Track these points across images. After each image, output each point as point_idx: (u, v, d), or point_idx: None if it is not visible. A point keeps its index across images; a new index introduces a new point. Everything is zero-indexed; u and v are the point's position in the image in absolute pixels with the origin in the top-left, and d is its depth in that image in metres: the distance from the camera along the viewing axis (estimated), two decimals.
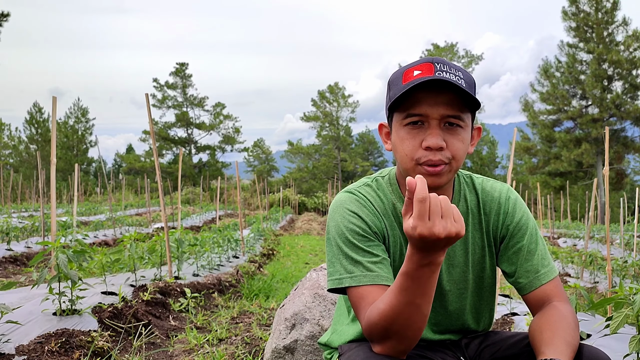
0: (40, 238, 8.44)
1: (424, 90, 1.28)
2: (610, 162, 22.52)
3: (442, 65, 1.30)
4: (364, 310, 1.27)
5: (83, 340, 2.75)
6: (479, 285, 1.50)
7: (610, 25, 31.14)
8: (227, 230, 8.99)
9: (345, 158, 46.13)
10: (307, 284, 2.66)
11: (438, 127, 1.29)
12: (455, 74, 1.29)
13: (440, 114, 1.29)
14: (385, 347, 1.24)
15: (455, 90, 1.28)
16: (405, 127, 1.32)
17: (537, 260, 1.42)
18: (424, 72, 1.29)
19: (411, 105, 1.30)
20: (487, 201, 1.48)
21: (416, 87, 1.27)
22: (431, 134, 1.29)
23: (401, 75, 1.33)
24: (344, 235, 1.36)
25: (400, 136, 1.34)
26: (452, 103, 1.29)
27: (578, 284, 2.63)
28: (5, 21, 20.60)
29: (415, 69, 1.31)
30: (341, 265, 1.34)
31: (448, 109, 1.29)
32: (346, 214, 1.38)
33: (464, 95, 1.28)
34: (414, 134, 1.31)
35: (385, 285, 1.30)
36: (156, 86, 44.15)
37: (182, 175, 32.32)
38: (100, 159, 13.69)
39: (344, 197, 1.43)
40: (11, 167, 36.46)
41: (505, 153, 49.33)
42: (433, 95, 1.28)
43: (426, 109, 1.29)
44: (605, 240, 10.15)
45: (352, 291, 1.32)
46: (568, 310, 1.35)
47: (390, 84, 1.38)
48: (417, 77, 1.29)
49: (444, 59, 1.34)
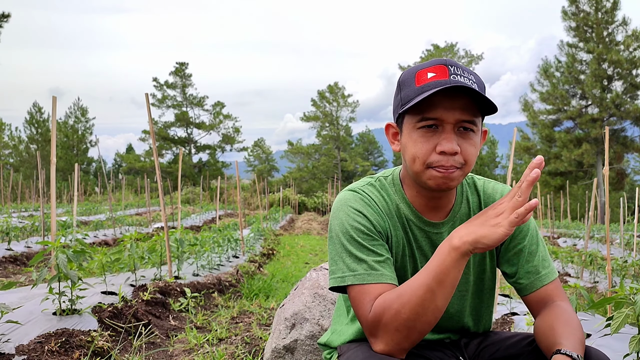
0: (40, 238, 8.44)
1: (440, 93, 1.27)
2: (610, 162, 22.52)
3: (456, 69, 1.29)
4: (368, 305, 1.25)
5: (83, 340, 2.75)
6: (479, 287, 1.50)
7: (610, 25, 31.13)
8: (227, 230, 8.99)
9: (345, 158, 46.13)
10: (307, 283, 2.66)
11: (452, 131, 1.28)
12: (469, 78, 1.28)
13: (456, 118, 1.28)
14: (388, 343, 1.22)
15: (471, 95, 1.27)
16: (419, 130, 1.30)
17: (537, 261, 1.42)
18: (438, 74, 1.28)
19: (426, 109, 1.28)
20: (489, 202, 1.49)
21: (434, 90, 1.25)
22: (446, 139, 1.28)
23: (414, 77, 1.32)
24: (348, 233, 1.35)
25: (413, 139, 1.32)
26: (467, 108, 1.28)
27: (578, 283, 2.63)
28: (5, 22, 20.58)
29: (429, 71, 1.29)
30: (344, 263, 1.33)
31: (464, 114, 1.28)
32: (351, 212, 1.37)
33: (479, 100, 1.27)
34: (428, 137, 1.30)
35: (389, 284, 1.29)
36: (156, 85, 44.17)
37: (182, 175, 32.34)
38: (100, 159, 13.69)
39: (348, 196, 1.42)
40: (11, 167, 36.46)
41: (505, 153, 49.34)
42: (449, 100, 1.27)
43: (442, 113, 1.27)
44: (605, 240, 10.15)
45: (354, 289, 1.30)
46: (570, 309, 1.36)
47: (401, 85, 1.36)
48: (431, 79, 1.27)
49: (455, 61, 1.33)
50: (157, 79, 44.35)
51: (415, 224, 1.43)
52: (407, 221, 1.43)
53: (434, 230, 1.44)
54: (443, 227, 1.44)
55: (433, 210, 1.43)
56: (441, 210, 1.44)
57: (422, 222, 1.43)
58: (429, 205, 1.42)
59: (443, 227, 1.44)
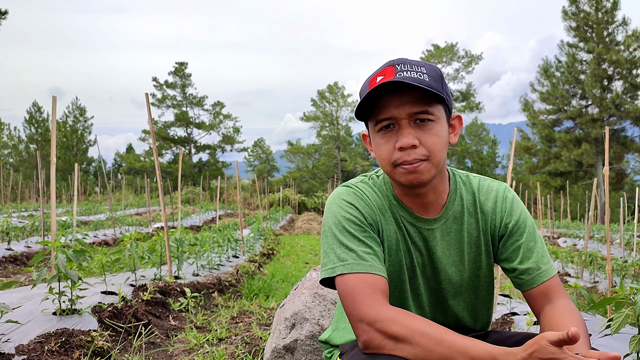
0: (40, 238, 8.44)
1: (389, 93, 1.30)
2: (610, 162, 22.52)
3: (403, 66, 1.32)
4: (369, 299, 1.25)
5: (83, 340, 2.75)
6: (474, 284, 1.51)
7: (610, 25, 31.14)
8: (227, 230, 8.99)
9: (345, 158, 46.15)
10: (307, 283, 2.66)
11: (409, 126, 1.31)
12: (417, 71, 1.31)
13: (407, 112, 1.30)
14: (367, 347, 1.24)
15: (419, 88, 1.29)
16: (379, 133, 1.35)
17: (537, 257, 1.43)
18: (386, 76, 1.31)
19: (379, 111, 1.33)
20: (484, 200, 1.49)
21: (381, 92, 1.30)
22: (402, 134, 1.31)
23: (368, 84, 1.35)
24: (340, 223, 1.37)
25: (376, 142, 1.37)
26: (417, 100, 1.30)
27: (578, 283, 2.63)
28: (3, 19, 20.51)
29: (379, 75, 1.33)
30: (335, 254, 1.34)
31: (414, 106, 1.30)
32: (343, 204, 1.40)
33: (432, 89, 1.30)
34: (388, 138, 1.33)
35: (377, 275, 1.30)
36: (156, 85, 44.17)
37: (182, 174, 32.31)
38: (100, 159, 13.69)
39: (341, 190, 1.45)
40: (11, 167, 36.46)
41: (505, 153, 49.40)
42: (397, 97, 1.30)
43: (393, 111, 1.31)
44: (605, 240, 10.16)
45: (344, 279, 1.30)
46: (574, 307, 1.37)
47: (360, 94, 1.40)
48: (379, 82, 1.30)
49: (406, 58, 1.35)
50: (156, 78, 44.39)
51: (408, 220, 1.44)
52: (400, 217, 1.44)
53: (426, 226, 1.45)
54: (435, 223, 1.45)
55: (423, 207, 1.45)
56: (432, 207, 1.45)
57: (414, 219, 1.44)
58: (416, 202, 1.44)
59: (435, 224, 1.45)
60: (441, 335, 1.15)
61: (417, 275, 1.45)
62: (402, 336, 1.18)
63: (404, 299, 1.45)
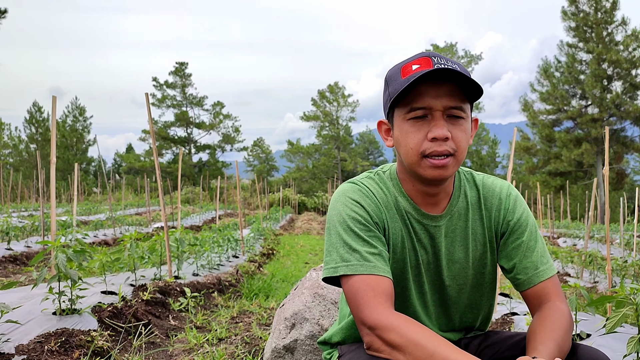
0: (40, 237, 8.43)
1: (425, 83, 1.29)
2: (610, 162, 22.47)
3: (439, 59, 1.31)
4: (371, 302, 1.25)
5: (83, 340, 2.75)
6: (479, 281, 1.50)
7: (609, 25, 31.12)
8: (227, 230, 8.99)
9: (345, 158, 46.12)
10: (307, 283, 2.66)
11: (442, 118, 1.31)
12: (452, 66, 1.30)
13: (444, 105, 1.30)
14: (371, 348, 1.26)
15: (457, 81, 1.29)
16: (409, 121, 1.33)
17: (536, 257, 1.43)
18: (422, 65, 1.30)
19: (414, 99, 1.31)
20: (488, 197, 1.49)
21: (417, 80, 1.27)
22: (436, 125, 1.30)
23: (399, 71, 1.34)
24: (345, 222, 1.35)
25: (404, 130, 1.34)
26: (454, 94, 1.30)
27: (578, 283, 2.63)
28: (3, 18, 20.46)
29: (413, 64, 1.32)
30: (338, 254, 1.33)
31: (451, 100, 1.30)
32: (349, 203, 1.38)
33: (465, 85, 1.30)
34: (419, 127, 1.32)
35: (381, 276, 1.29)
36: (155, 85, 44.13)
37: (182, 174, 32.33)
38: (100, 159, 13.69)
39: (346, 187, 1.43)
40: (11, 167, 36.44)
41: (505, 153, 49.35)
42: (435, 87, 1.29)
43: (429, 101, 1.30)
44: (605, 240, 10.16)
45: (348, 281, 1.30)
46: (565, 311, 1.36)
47: (388, 80, 1.38)
48: (416, 71, 1.29)
49: (439, 53, 1.35)
50: (156, 78, 44.33)
51: (414, 217, 1.43)
52: (406, 214, 1.43)
53: (432, 223, 1.44)
54: (441, 220, 1.44)
55: (431, 204, 1.44)
56: (439, 203, 1.44)
57: (421, 215, 1.43)
58: (426, 199, 1.43)
59: (441, 221, 1.44)
60: (434, 349, 1.15)
61: (421, 272, 1.45)
62: (397, 345, 1.19)
63: (408, 296, 1.45)
